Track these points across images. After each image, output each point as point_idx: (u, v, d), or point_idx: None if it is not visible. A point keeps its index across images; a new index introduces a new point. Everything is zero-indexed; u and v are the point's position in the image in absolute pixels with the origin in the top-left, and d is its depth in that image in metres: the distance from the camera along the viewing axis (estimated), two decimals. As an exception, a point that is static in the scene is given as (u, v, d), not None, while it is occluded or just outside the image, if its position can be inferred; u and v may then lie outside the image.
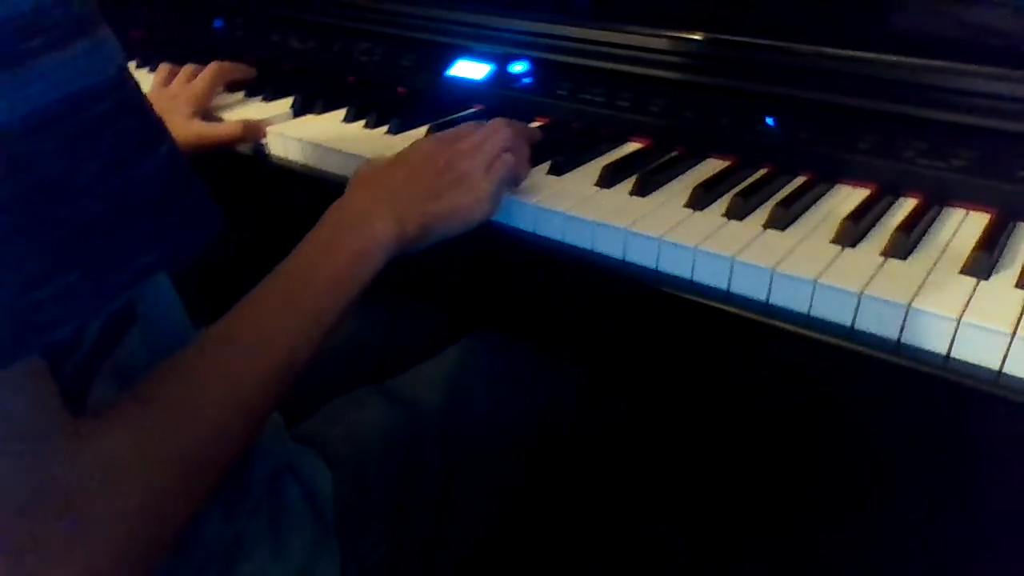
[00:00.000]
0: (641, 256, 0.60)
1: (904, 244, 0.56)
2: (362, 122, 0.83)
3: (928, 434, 0.53)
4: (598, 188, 0.67)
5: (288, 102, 0.89)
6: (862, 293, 0.51)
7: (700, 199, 0.64)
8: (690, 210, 0.63)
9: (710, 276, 0.57)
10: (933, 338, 0.49)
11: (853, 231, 0.58)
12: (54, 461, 0.36)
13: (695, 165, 0.72)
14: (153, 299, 0.49)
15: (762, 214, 0.62)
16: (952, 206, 0.64)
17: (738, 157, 0.72)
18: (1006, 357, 0.48)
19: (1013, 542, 0.60)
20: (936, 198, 0.64)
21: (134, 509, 0.38)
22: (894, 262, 0.55)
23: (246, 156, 0.84)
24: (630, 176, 0.68)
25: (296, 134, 0.80)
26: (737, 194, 0.63)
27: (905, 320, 0.50)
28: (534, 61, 0.85)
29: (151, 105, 0.40)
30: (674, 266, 0.58)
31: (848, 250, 0.57)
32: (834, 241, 0.58)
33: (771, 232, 0.60)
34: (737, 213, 0.62)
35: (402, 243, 0.55)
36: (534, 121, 0.83)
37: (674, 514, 0.93)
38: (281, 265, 0.51)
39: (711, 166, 0.72)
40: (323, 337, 0.50)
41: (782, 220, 0.60)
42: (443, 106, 0.86)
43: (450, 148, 0.61)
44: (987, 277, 0.53)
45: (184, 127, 0.82)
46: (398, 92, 0.93)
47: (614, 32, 0.79)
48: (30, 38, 0.33)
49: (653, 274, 0.59)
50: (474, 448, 0.70)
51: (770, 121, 0.71)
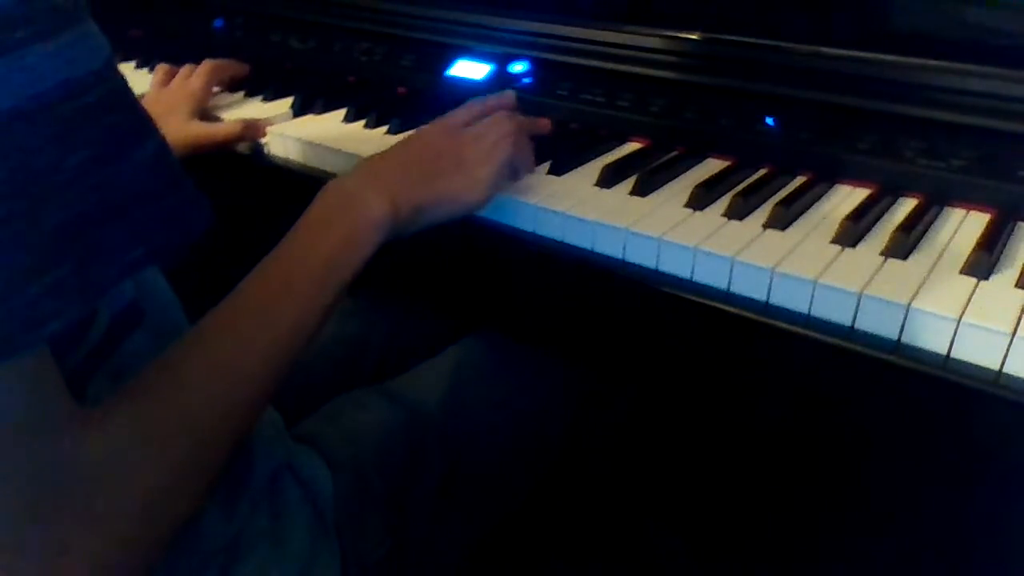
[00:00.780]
0: (641, 256, 0.60)
1: (904, 244, 0.56)
2: (362, 122, 0.83)
3: (928, 434, 0.53)
4: (598, 188, 0.67)
5: (288, 102, 0.89)
6: (862, 293, 0.51)
7: (700, 199, 0.64)
8: (690, 210, 0.63)
9: (710, 276, 0.57)
10: (933, 338, 0.49)
11: (853, 231, 0.58)
12: (61, 452, 0.36)
13: (695, 165, 0.72)
14: (153, 299, 0.49)
15: (762, 214, 0.62)
16: (952, 206, 0.64)
17: (738, 157, 0.72)
18: (1006, 357, 0.48)
19: (1014, 542, 0.60)
20: (936, 198, 0.64)
21: (138, 499, 0.38)
22: (894, 262, 0.55)
23: (246, 156, 0.84)
24: (630, 176, 0.68)
25: (296, 134, 0.80)
26: (737, 194, 0.63)
27: (905, 320, 0.50)
28: (534, 61, 0.85)
29: (138, 100, 0.40)
30: (674, 266, 0.58)
31: (848, 250, 0.57)
32: (834, 241, 0.58)
33: (771, 232, 0.60)
34: (737, 213, 0.62)
35: (396, 224, 0.55)
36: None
37: (674, 514, 0.93)
38: (275, 249, 0.51)
39: (711, 166, 0.72)
40: (319, 320, 0.49)
41: (782, 220, 0.60)
42: (443, 106, 0.85)
43: (451, 135, 0.62)
44: (987, 277, 0.53)
45: (184, 127, 0.82)
46: (398, 92, 0.93)
47: (614, 32, 0.79)
48: (14, 30, 0.33)
49: (653, 274, 0.59)
50: (474, 448, 0.70)
51: (770, 121, 0.71)
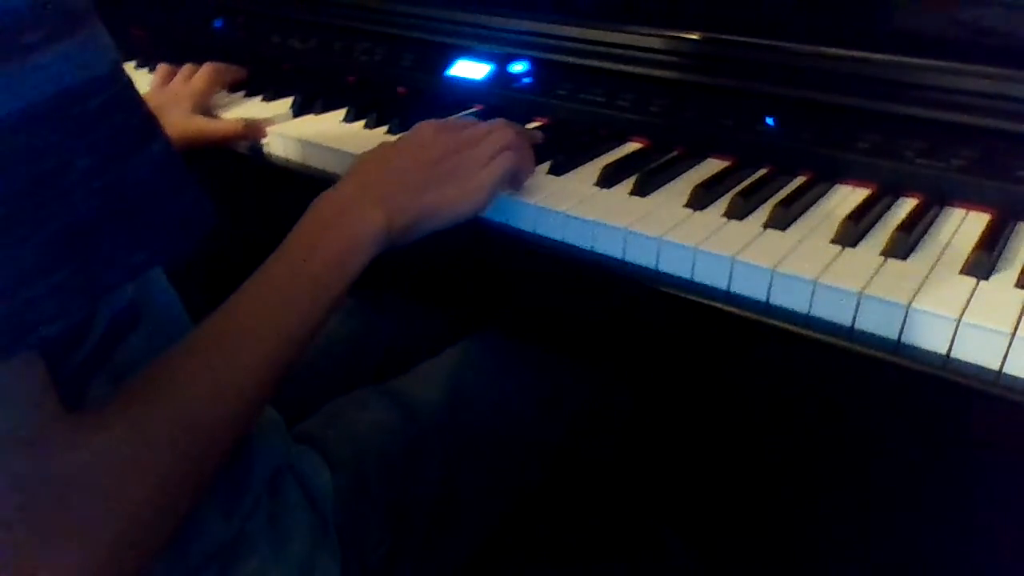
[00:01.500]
0: (641, 256, 0.60)
1: (904, 244, 0.56)
2: (362, 122, 0.83)
3: (928, 434, 0.53)
4: (598, 188, 0.67)
5: (288, 102, 0.89)
6: (862, 293, 0.51)
7: (700, 199, 0.64)
8: (690, 210, 0.63)
9: (710, 276, 0.57)
10: (933, 338, 0.49)
11: (853, 231, 0.58)
12: (50, 457, 0.36)
13: (695, 165, 0.72)
14: (154, 300, 0.49)
15: (762, 214, 0.62)
16: (952, 206, 0.64)
17: (738, 157, 0.72)
18: (1006, 357, 0.48)
19: (1013, 541, 0.60)
20: (936, 198, 0.64)
21: (131, 503, 0.38)
22: (894, 262, 0.55)
23: (246, 156, 0.84)
24: (630, 176, 0.68)
25: (296, 134, 0.80)
26: (737, 194, 0.63)
27: (905, 320, 0.50)
28: (534, 61, 0.85)
29: (145, 102, 0.40)
30: (674, 266, 0.58)
31: (848, 250, 0.57)
32: (834, 241, 0.58)
33: (771, 232, 0.60)
34: (737, 213, 0.62)
35: (391, 235, 0.54)
36: (533, 121, 0.83)
37: (673, 514, 0.93)
38: (269, 259, 0.51)
39: (711, 166, 0.72)
40: (313, 330, 0.49)
41: (782, 220, 0.60)
42: (443, 106, 0.86)
43: (449, 137, 0.61)
44: (987, 277, 0.53)
45: (185, 122, 0.82)
46: (398, 92, 0.93)
47: (614, 32, 0.79)
48: (26, 33, 0.33)
49: (653, 274, 0.59)
50: (474, 448, 0.70)
51: (770, 121, 0.71)
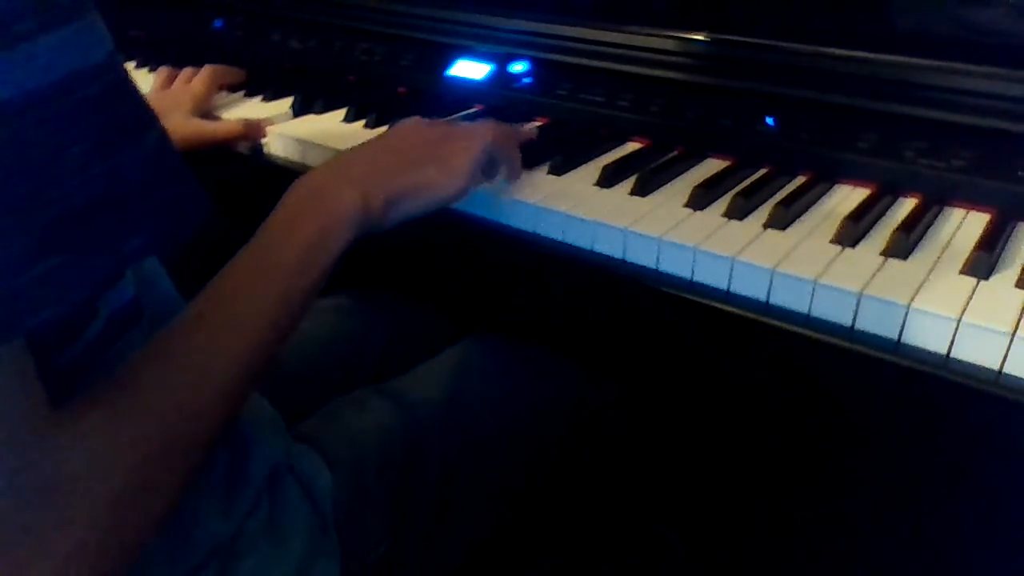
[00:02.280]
0: (641, 256, 0.60)
1: (904, 244, 0.56)
2: (362, 122, 0.83)
3: (928, 434, 0.53)
4: (598, 188, 0.67)
5: (288, 102, 0.89)
6: (862, 293, 0.51)
7: (700, 199, 0.64)
8: (690, 210, 0.63)
9: (710, 276, 0.57)
10: (933, 338, 0.49)
11: (853, 231, 0.58)
12: (34, 448, 0.35)
13: (695, 165, 0.72)
14: (156, 299, 0.49)
15: (762, 214, 0.62)
16: (952, 206, 0.64)
17: (738, 157, 0.72)
18: (1006, 357, 0.48)
19: (1013, 541, 0.60)
20: (936, 198, 0.64)
21: (116, 493, 0.38)
22: (894, 262, 0.55)
23: (246, 156, 0.84)
24: (630, 176, 0.68)
25: (296, 134, 0.80)
26: (737, 194, 0.63)
27: (905, 320, 0.50)
28: (534, 61, 0.85)
29: (140, 93, 0.40)
30: (674, 266, 0.58)
31: (848, 250, 0.57)
32: (834, 241, 0.58)
33: (771, 232, 0.60)
34: (737, 213, 0.62)
35: (368, 217, 0.54)
36: (534, 121, 0.83)
37: (673, 514, 0.93)
38: (245, 247, 0.50)
39: (711, 166, 0.72)
40: (293, 317, 0.49)
41: (782, 220, 0.60)
42: (443, 106, 0.86)
43: (430, 127, 0.61)
44: (987, 277, 0.53)
45: (184, 123, 0.82)
46: (398, 92, 0.93)
47: (614, 32, 0.79)
48: (21, 21, 0.33)
49: (653, 274, 0.59)
50: (474, 448, 0.70)
51: (770, 121, 0.71)
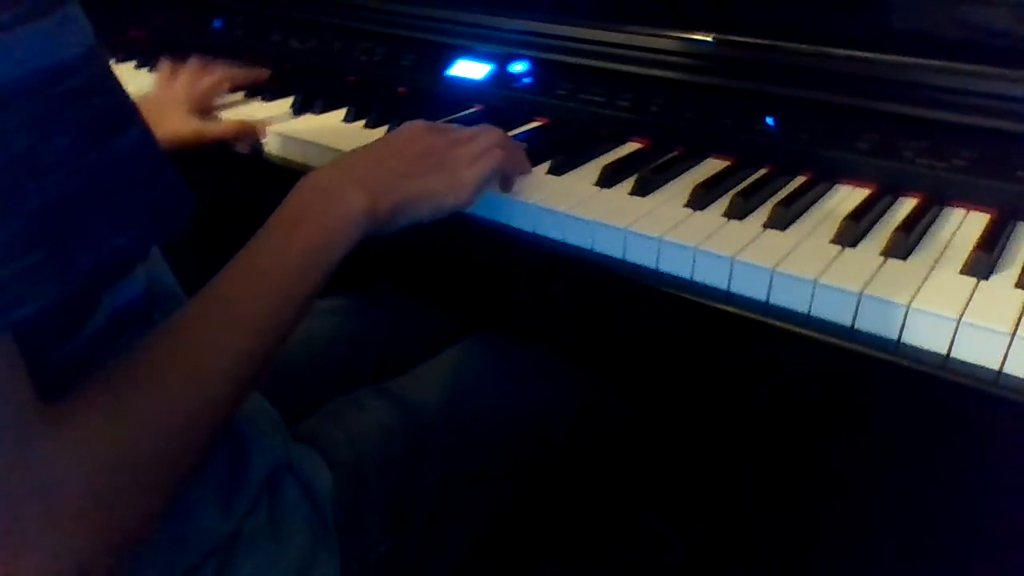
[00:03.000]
0: (641, 256, 0.60)
1: (904, 244, 0.56)
2: (362, 122, 0.83)
3: (928, 434, 0.53)
4: (598, 188, 0.67)
5: (288, 102, 0.89)
6: (862, 293, 0.51)
7: (700, 199, 0.64)
8: (690, 210, 0.63)
9: (710, 276, 0.57)
10: (933, 338, 0.49)
11: (853, 231, 0.58)
12: (21, 446, 0.35)
13: (695, 165, 0.72)
14: (159, 297, 0.49)
15: (762, 214, 0.62)
16: (952, 206, 0.64)
17: (738, 157, 0.72)
18: (1006, 357, 0.48)
19: (1013, 541, 0.60)
20: (936, 198, 0.64)
21: (107, 492, 0.38)
22: (894, 262, 0.55)
23: (246, 156, 0.84)
24: (630, 176, 0.68)
25: (296, 134, 0.80)
26: (737, 194, 0.63)
27: (905, 320, 0.50)
28: (534, 61, 0.85)
29: (123, 88, 0.39)
30: (674, 266, 0.58)
31: (848, 250, 0.57)
32: (834, 241, 0.58)
33: (771, 232, 0.60)
34: (737, 213, 0.62)
35: (374, 220, 0.53)
36: (533, 121, 0.83)
37: (673, 513, 0.93)
38: (249, 243, 0.50)
39: (711, 166, 0.72)
40: (294, 316, 0.49)
41: (782, 220, 0.60)
42: (443, 106, 0.86)
43: (437, 133, 0.61)
44: (987, 277, 0.53)
45: (183, 123, 0.82)
46: (398, 92, 0.93)
47: (614, 32, 0.79)
48: (1, 11, 0.33)
49: (653, 274, 0.59)
50: (474, 448, 0.70)
51: (770, 121, 0.71)
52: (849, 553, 0.83)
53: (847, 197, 0.66)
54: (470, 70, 0.88)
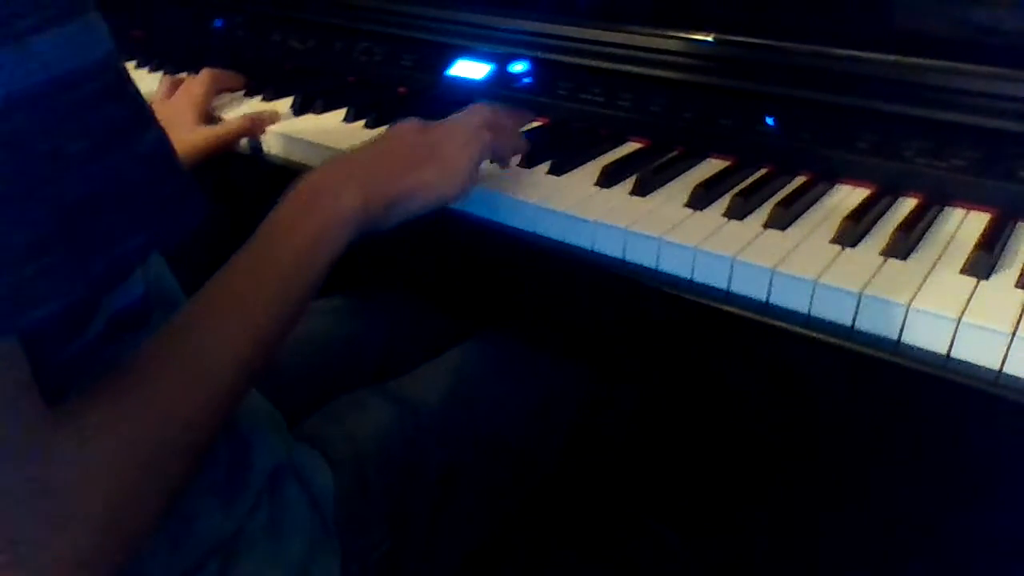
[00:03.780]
0: (641, 256, 0.60)
1: (904, 244, 0.56)
2: (362, 122, 0.83)
3: (928, 434, 0.53)
4: (598, 188, 0.67)
5: (288, 102, 0.89)
6: (862, 293, 0.51)
7: (700, 199, 0.64)
8: (690, 210, 0.63)
9: (710, 276, 0.57)
10: (933, 338, 0.49)
11: (853, 231, 0.58)
12: (28, 449, 0.35)
13: (695, 165, 0.72)
14: (161, 300, 0.49)
15: (762, 214, 0.62)
16: (952, 206, 0.64)
17: (738, 157, 0.72)
18: (1006, 357, 0.48)
19: (1013, 541, 0.60)
20: (936, 198, 0.64)
21: (111, 495, 0.38)
22: (894, 262, 0.55)
23: (246, 156, 0.84)
24: (630, 176, 0.68)
25: (296, 134, 0.80)
26: (737, 194, 0.63)
27: (905, 320, 0.50)
28: (534, 61, 0.85)
29: (139, 93, 0.40)
30: (674, 266, 0.58)
31: (848, 250, 0.57)
32: (834, 241, 0.58)
33: (771, 232, 0.60)
34: (737, 213, 0.62)
35: (368, 217, 0.54)
36: (534, 121, 0.83)
37: (673, 513, 0.93)
38: (246, 244, 0.50)
39: (711, 166, 0.72)
40: (291, 316, 0.49)
41: (782, 220, 0.60)
42: (443, 106, 0.85)
43: (428, 129, 0.61)
44: (987, 277, 0.53)
45: (191, 133, 0.82)
46: (398, 92, 0.93)
47: (614, 32, 0.79)
48: (24, 17, 0.33)
49: (653, 274, 0.59)
50: (474, 448, 0.70)
51: (770, 121, 0.71)
52: (849, 553, 0.83)
53: (847, 197, 0.66)
54: (470, 70, 0.88)
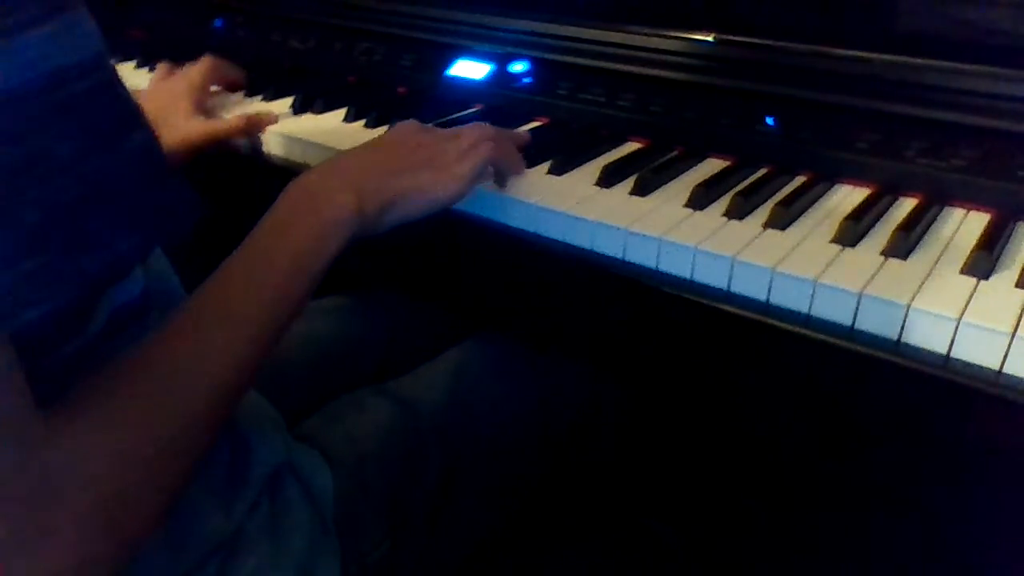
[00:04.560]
0: (641, 256, 0.60)
1: (904, 244, 0.56)
2: (362, 122, 0.83)
3: (928, 434, 0.53)
4: (598, 188, 0.67)
5: (288, 102, 0.89)
6: (862, 293, 0.51)
7: (700, 199, 0.64)
8: (690, 210, 0.63)
9: (710, 276, 0.57)
10: (933, 338, 0.49)
11: (853, 231, 0.58)
12: (19, 452, 0.35)
13: (695, 165, 0.72)
14: (161, 299, 0.49)
15: (762, 214, 0.62)
16: (952, 206, 0.64)
17: (738, 157, 0.72)
18: (1006, 357, 0.48)
19: (1013, 542, 0.60)
20: (936, 198, 0.64)
21: (109, 494, 0.38)
22: (894, 262, 0.55)
23: (246, 156, 0.84)
24: (630, 176, 0.68)
25: (296, 133, 0.80)
26: (737, 194, 0.63)
27: (905, 320, 0.50)
28: (534, 61, 0.85)
29: (129, 92, 0.40)
30: (674, 266, 0.58)
31: (848, 250, 0.57)
32: (834, 241, 0.58)
33: (771, 232, 0.60)
34: (737, 213, 0.62)
35: (363, 220, 0.53)
36: (533, 121, 0.83)
37: (673, 512, 0.93)
38: (240, 247, 0.50)
39: (711, 166, 0.72)
40: (286, 318, 0.49)
41: (782, 220, 0.60)
42: (443, 106, 0.86)
43: (426, 131, 0.61)
44: (987, 277, 0.53)
45: (187, 124, 0.81)
46: (398, 92, 0.93)
47: (614, 32, 0.79)
48: (6, 16, 0.33)
49: (653, 274, 0.59)
50: (474, 448, 0.70)
51: (770, 121, 0.71)
52: (848, 553, 0.83)
53: (847, 197, 0.66)
54: (470, 70, 0.88)
